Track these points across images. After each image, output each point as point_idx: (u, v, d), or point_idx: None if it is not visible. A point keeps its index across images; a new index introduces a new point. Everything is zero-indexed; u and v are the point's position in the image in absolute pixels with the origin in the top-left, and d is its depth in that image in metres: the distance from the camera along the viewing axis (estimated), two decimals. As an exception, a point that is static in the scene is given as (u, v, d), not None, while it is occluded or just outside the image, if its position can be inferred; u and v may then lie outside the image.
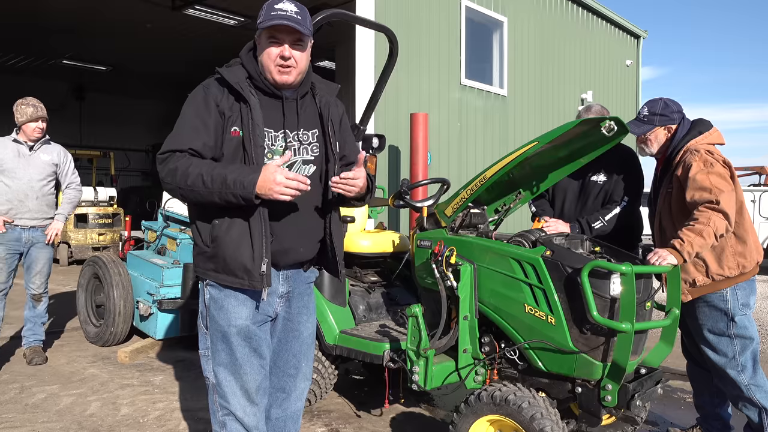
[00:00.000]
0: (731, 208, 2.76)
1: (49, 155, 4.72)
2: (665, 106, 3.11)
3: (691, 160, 2.90)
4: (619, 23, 14.01)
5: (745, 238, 2.97)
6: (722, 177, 2.83)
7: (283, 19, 2.06)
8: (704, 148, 2.95)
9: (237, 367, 2.19)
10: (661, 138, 3.13)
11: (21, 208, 4.55)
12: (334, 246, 2.31)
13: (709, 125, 3.07)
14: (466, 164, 9.70)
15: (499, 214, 3.34)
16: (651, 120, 3.11)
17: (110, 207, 11.79)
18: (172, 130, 2.12)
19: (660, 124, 3.10)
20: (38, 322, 4.81)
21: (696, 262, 2.94)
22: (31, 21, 12.80)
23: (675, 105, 3.13)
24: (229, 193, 1.99)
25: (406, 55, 7.87)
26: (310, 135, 2.25)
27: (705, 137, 3.01)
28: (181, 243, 5.40)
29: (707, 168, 2.84)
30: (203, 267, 2.19)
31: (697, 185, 2.83)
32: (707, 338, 3.02)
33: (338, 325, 3.47)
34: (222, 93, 2.13)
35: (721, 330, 2.98)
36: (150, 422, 3.63)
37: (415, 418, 3.79)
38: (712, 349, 3.01)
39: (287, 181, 1.98)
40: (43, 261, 4.72)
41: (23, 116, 4.56)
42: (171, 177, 2.05)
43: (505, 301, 2.75)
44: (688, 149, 2.98)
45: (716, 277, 2.94)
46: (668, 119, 3.10)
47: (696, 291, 2.99)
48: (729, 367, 2.97)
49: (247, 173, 2.00)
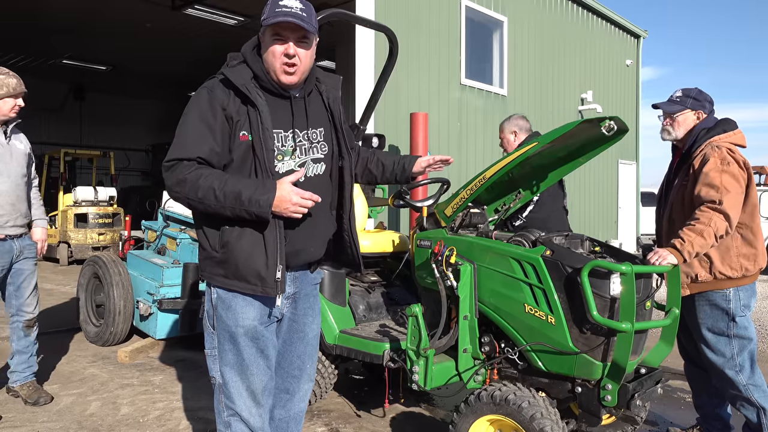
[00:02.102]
0: (734, 210, 2.76)
1: (23, 143, 3.80)
2: (699, 92, 3.11)
3: (711, 155, 2.89)
4: (619, 23, 14.01)
5: (752, 242, 2.96)
6: (735, 177, 2.82)
7: (288, 15, 2.00)
8: (726, 146, 2.93)
9: (244, 368, 2.17)
10: (689, 122, 3.10)
11: (13, 213, 3.67)
12: (354, 241, 2.31)
13: (734, 125, 3.05)
14: (466, 164, 9.70)
15: (499, 214, 3.34)
16: (684, 101, 3.10)
17: (110, 207, 11.78)
18: (176, 135, 2.06)
19: (692, 107, 3.09)
20: (33, 351, 3.94)
21: (701, 258, 2.93)
22: (31, 20, 12.81)
23: (708, 95, 3.14)
24: (243, 210, 1.97)
25: (406, 55, 7.87)
26: (318, 133, 2.21)
27: (728, 136, 2.99)
28: (181, 243, 5.40)
29: (723, 166, 2.84)
30: (211, 272, 2.14)
31: (707, 181, 2.83)
32: (706, 337, 3.02)
33: (338, 325, 3.47)
34: (228, 96, 2.06)
35: (720, 329, 2.98)
36: (150, 422, 3.63)
37: (415, 418, 3.79)
38: (711, 348, 3.01)
39: (302, 201, 1.99)
40: (35, 276, 3.88)
41: (2, 88, 3.55)
42: (179, 187, 2.00)
43: (505, 301, 2.75)
44: (710, 144, 2.96)
45: (718, 275, 2.94)
46: (700, 105, 3.09)
47: (696, 286, 2.99)
48: (727, 367, 2.97)
49: (262, 191, 1.97)
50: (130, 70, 17.44)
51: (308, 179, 2.16)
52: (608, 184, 13.91)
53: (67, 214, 11.30)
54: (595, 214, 13.45)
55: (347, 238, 2.31)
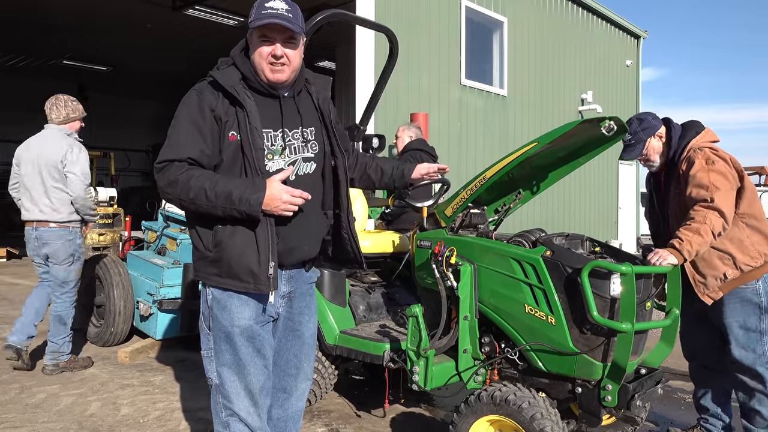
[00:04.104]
0: (726, 206, 2.80)
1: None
2: (639, 121, 3.16)
3: (695, 157, 2.95)
4: (619, 23, 14.02)
5: (759, 227, 2.99)
6: (722, 174, 2.86)
7: (273, 17, 2.04)
8: (707, 146, 3.00)
9: (241, 368, 2.18)
10: (657, 146, 3.17)
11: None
12: (354, 238, 2.32)
13: (701, 125, 3.12)
14: (466, 164, 9.70)
15: (499, 214, 3.34)
16: (637, 138, 3.14)
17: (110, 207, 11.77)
18: (167, 137, 2.10)
19: (646, 136, 3.14)
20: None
21: (722, 256, 2.96)
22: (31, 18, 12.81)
23: (647, 114, 3.19)
24: (233, 209, 2.00)
25: (406, 55, 7.87)
26: (309, 132, 2.24)
27: (704, 136, 3.06)
28: (181, 243, 5.41)
29: (708, 165, 2.89)
30: (205, 272, 2.16)
31: (696, 182, 2.88)
32: (736, 335, 3.02)
33: (338, 326, 3.47)
34: (216, 98, 2.10)
35: (752, 325, 2.98)
36: (150, 422, 3.63)
37: (415, 418, 3.79)
38: (741, 345, 3.01)
39: (292, 198, 2.02)
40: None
41: (76, 112, 4.48)
42: (171, 188, 2.04)
43: (505, 302, 2.75)
44: (692, 148, 3.02)
45: (744, 267, 2.95)
46: (651, 128, 3.14)
47: (727, 285, 2.98)
48: (758, 364, 2.97)
49: (252, 190, 2.00)
50: (130, 71, 17.44)
51: (298, 178, 2.18)
52: (608, 184, 13.91)
53: (67, 214, 11.28)
54: (595, 214, 13.46)
55: (346, 236, 2.32)
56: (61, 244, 4.38)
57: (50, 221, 4.35)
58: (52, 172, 4.33)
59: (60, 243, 4.38)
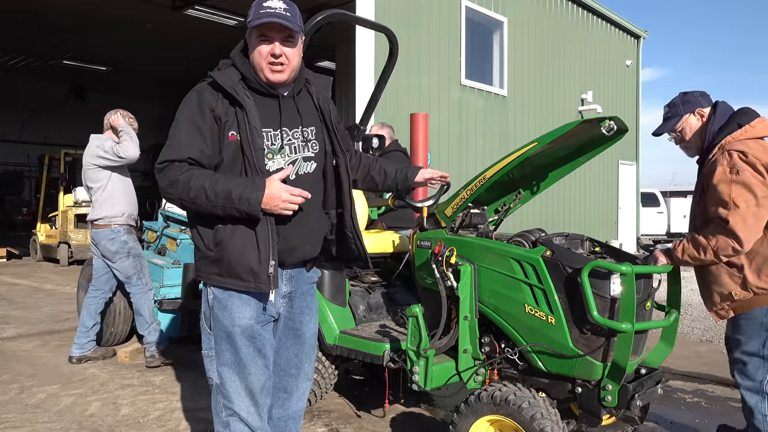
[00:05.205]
0: (744, 228, 2.46)
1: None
2: (683, 95, 2.86)
3: (720, 161, 2.59)
4: (619, 23, 14.03)
5: None
6: (747, 187, 2.49)
7: (272, 16, 2.05)
8: (739, 147, 2.58)
9: (241, 367, 2.19)
10: (695, 125, 2.81)
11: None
12: (358, 236, 2.32)
13: (752, 116, 2.68)
14: (466, 164, 9.70)
15: (499, 214, 3.34)
16: (674, 112, 2.85)
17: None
18: (168, 137, 2.11)
19: (685, 111, 2.81)
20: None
21: (731, 273, 2.65)
22: (31, 18, 12.82)
23: (695, 91, 2.87)
24: (233, 208, 2.01)
25: (406, 55, 7.87)
26: (309, 131, 2.24)
27: (744, 132, 2.63)
28: (182, 243, 5.41)
29: (732, 175, 2.52)
30: (206, 272, 2.17)
31: (716, 194, 2.55)
32: (737, 357, 2.77)
33: (338, 325, 3.47)
34: (216, 98, 2.11)
35: (754, 349, 2.68)
36: (150, 422, 3.63)
37: (415, 418, 3.79)
38: (739, 368, 2.76)
39: (292, 197, 2.02)
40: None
41: (133, 125, 5.25)
42: (172, 188, 2.05)
43: (506, 302, 2.75)
44: (721, 147, 2.64)
45: (756, 290, 2.61)
46: (691, 104, 2.81)
47: (738, 306, 2.67)
48: (752, 391, 2.70)
49: (251, 190, 2.01)
50: (130, 71, 17.46)
51: (298, 177, 2.19)
52: (608, 184, 13.92)
53: (67, 214, 11.32)
54: (595, 214, 13.47)
55: (350, 235, 2.33)
56: (105, 242, 4.73)
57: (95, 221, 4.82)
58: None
59: (104, 242, 4.73)
